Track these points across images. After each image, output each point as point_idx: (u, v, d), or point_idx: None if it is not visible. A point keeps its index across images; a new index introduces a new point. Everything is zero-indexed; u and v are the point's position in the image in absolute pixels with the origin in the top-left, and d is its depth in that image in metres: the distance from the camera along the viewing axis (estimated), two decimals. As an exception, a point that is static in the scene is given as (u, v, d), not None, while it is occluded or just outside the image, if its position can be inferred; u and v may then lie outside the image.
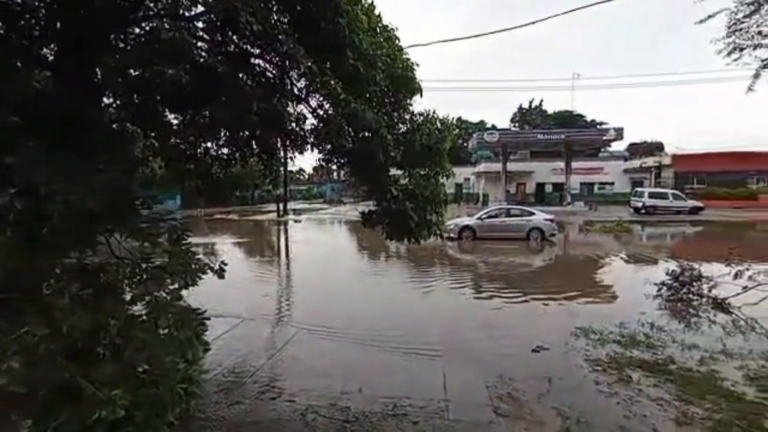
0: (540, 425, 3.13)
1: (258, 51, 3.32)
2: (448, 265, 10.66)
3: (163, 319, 2.70)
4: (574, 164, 32.30)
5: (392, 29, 4.15)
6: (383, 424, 3.15)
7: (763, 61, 5.63)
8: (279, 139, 4.25)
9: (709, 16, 5.79)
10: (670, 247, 14.93)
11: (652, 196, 26.82)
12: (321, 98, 3.89)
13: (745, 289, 6.27)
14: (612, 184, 36.68)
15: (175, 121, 3.76)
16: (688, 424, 3.15)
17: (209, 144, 4.17)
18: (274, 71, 3.61)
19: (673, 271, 6.93)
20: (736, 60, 5.81)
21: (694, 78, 67.49)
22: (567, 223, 20.74)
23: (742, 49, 5.72)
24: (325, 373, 4.10)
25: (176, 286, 2.83)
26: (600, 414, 3.30)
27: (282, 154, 5.53)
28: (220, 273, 3.08)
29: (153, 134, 3.67)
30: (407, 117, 4.59)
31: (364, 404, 3.42)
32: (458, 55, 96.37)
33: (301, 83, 3.79)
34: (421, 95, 4.27)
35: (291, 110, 3.96)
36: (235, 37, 3.09)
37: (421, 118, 4.49)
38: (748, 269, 6.55)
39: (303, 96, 3.87)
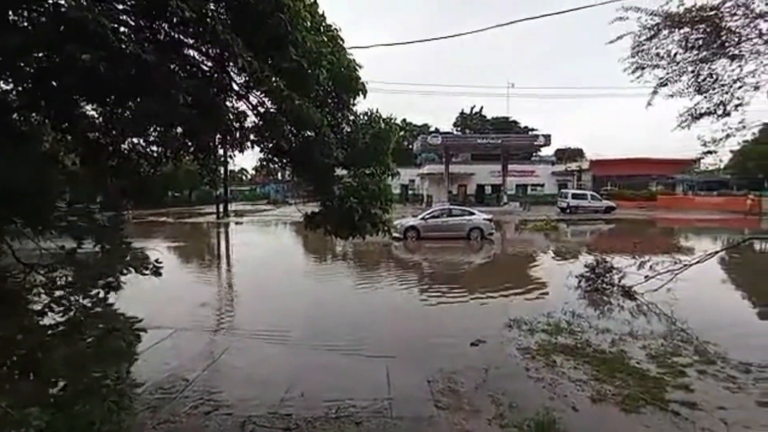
0: (477, 414, 3.33)
1: (191, 41, 3.11)
2: (393, 265, 10.85)
3: (89, 328, 2.42)
4: (510, 167, 34.81)
5: (336, 29, 4.13)
6: (326, 428, 3.13)
7: (660, 79, 6.52)
8: (217, 137, 4.03)
9: (618, 38, 6.56)
10: (589, 243, 16.66)
11: (574, 197, 29.77)
12: (262, 95, 3.76)
13: (647, 278, 7.20)
14: (542, 185, 40.00)
15: (94, 113, 3.39)
16: (601, 400, 3.55)
17: (136, 140, 3.82)
18: (210, 64, 3.42)
19: (590, 264, 7.76)
20: (638, 77, 6.65)
21: (612, 92, 75.86)
22: (504, 222, 22.19)
23: (643, 68, 6.55)
24: (266, 381, 3.96)
25: (100, 292, 2.55)
26: (529, 398, 3.59)
27: (221, 152, 5.25)
28: (156, 271, 2.85)
29: (65, 126, 3.27)
30: (351, 117, 4.63)
31: (307, 409, 3.37)
32: (406, 59, 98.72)
33: (241, 78, 3.63)
34: (365, 96, 4.30)
35: (230, 106, 3.78)
36: (165, 25, 2.87)
37: (366, 118, 4.54)
38: (649, 260, 7.54)
39: (243, 92, 3.71)
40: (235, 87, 3.65)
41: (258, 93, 3.76)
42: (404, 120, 59.75)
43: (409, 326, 5.78)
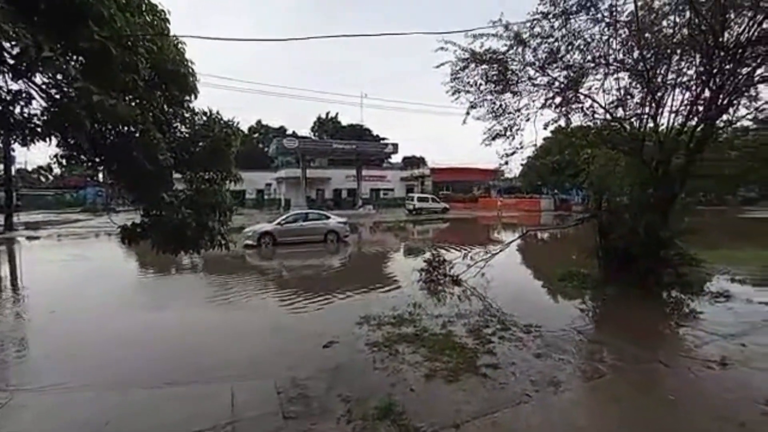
0: (326, 415, 3.41)
1: None
2: (245, 275, 10.11)
3: None
4: (364, 172, 37.08)
5: (163, 11, 3.60)
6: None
7: (470, 103, 8.05)
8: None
9: (441, 64, 7.82)
10: (431, 239, 19.15)
11: (419, 200, 34.01)
12: (50, 77, 2.97)
13: (469, 266, 8.75)
14: (393, 190, 43.97)
15: None
16: (433, 376, 4.12)
17: None
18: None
19: (428, 259, 8.93)
20: (456, 99, 8.06)
21: (448, 109, 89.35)
22: (360, 224, 23.44)
23: (459, 92, 7.99)
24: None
25: None
26: (375, 388, 3.88)
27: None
28: None
29: None
30: (187, 116, 4.12)
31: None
32: (267, 60, 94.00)
33: (16, 50, 2.79)
34: (196, 96, 3.89)
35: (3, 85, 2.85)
36: None
37: (205, 118, 4.12)
38: (470, 251, 9.18)
39: (22, 69, 2.86)
40: (9, 60, 2.79)
41: (46, 73, 2.98)
42: (259, 122, 56.74)
43: (261, 339, 5.48)
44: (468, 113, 8.05)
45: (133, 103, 3.35)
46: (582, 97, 7.58)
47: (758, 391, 3.78)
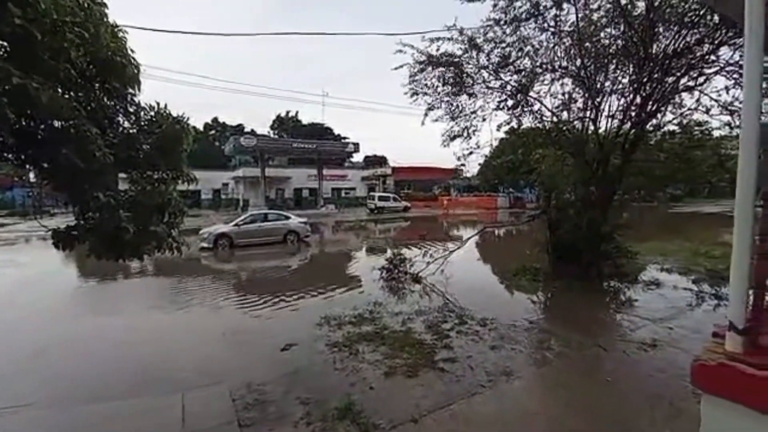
0: (283, 420, 3.33)
1: None
2: (201, 277, 9.63)
3: None
4: (325, 172, 36.65)
5: (100, -6, 3.32)
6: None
7: (428, 105, 8.24)
8: None
9: (400, 66, 7.92)
10: (393, 238, 19.32)
11: (380, 199, 34.22)
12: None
13: (428, 264, 8.94)
14: (354, 189, 43.88)
15: None
16: (393, 373, 4.17)
17: None
18: None
19: (389, 257, 9.01)
20: (414, 101, 8.21)
21: (408, 110, 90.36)
22: (321, 224, 23.14)
23: (417, 94, 8.15)
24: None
25: None
26: (334, 389, 3.85)
27: None
28: None
29: None
30: (131, 111, 3.85)
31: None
32: (225, 55, 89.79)
33: None
34: (139, 88, 3.65)
35: None
36: None
37: (152, 113, 3.87)
38: (430, 249, 9.38)
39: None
40: None
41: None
42: (215, 119, 54.22)
43: (214, 345, 5.25)
44: (426, 114, 8.23)
45: (66, 95, 3.08)
46: (532, 100, 8.03)
47: (683, 370, 4.19)
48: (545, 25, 7.16)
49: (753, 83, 1.37)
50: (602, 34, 7.42)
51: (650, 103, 7.08)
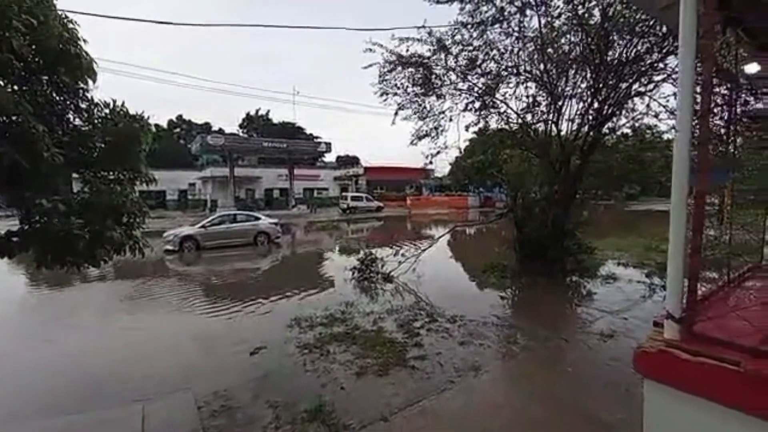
0: (251, 425, 3.27)
1: None
2: (163, 284, 9.22)
3: None
4: (297, 171, 36.01)
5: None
6: None
7: (398, 104, 8.32)
8: None
9: (370, 65, 7.93)
10: (365, 238, 19.33)
11: (353, 199, 34.12)
12: None
13: (400, 263, 9.02)
14: (327, 189, 43.44)
15: None
16: (364, 373, 4.18)
17: None
18: None
19: (361, 257, 9.00)
20: (385, 101, 8.25)
21: (380, 110, 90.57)
22: (293, 224, 22.75)
23: (387, 93, 8.20)
24: None
25: None
26: (304, 391, 3.81)
27: None
28: None
29: None
30: (83, 107, 3.63)
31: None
32: (190, 51, 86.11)
33: None
34: (95, 81, 3.45)
35: None
36: None
37: (107, 110, 3.66)
38: (402, 248, 9.46)
39: None
40: None
41: None
42: (180, 116, 51.99)
43: (179, 351, 5.05)
44: (396, 114, 8.30)
45: (9, 89, 2.86)
46: (498, 102, 8.28)
47: (635, 357, 4.48)
48: (510, 30, 7.41)
49: (686, 89, 1.49)
50: (563, 41, 7.78)
51: (606, 107, 7.50)
